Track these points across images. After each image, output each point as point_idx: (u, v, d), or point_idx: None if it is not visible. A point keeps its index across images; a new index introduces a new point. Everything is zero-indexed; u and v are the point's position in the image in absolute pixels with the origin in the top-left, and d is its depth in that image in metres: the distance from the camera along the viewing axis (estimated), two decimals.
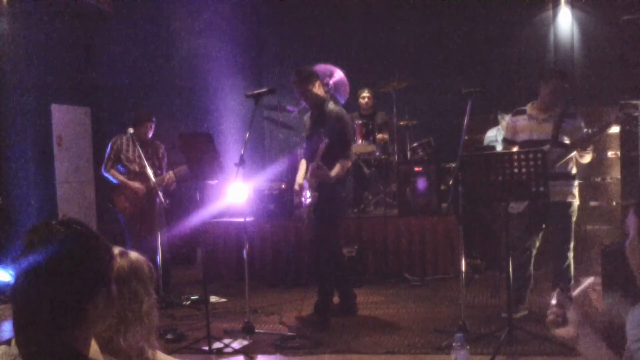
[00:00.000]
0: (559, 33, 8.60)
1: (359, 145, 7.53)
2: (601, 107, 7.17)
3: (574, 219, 5.23)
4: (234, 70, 8.80)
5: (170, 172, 6.38)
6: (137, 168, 6.35)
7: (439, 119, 8.02)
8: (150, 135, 6.45)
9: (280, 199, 7.34)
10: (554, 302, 1.97)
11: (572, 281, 5.28)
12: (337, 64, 7.34)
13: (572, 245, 5.25)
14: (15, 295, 1.53)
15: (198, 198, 5.61)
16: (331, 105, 5.44)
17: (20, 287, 1.52)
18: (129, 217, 6.39)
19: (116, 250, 2.33)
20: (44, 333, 1.49)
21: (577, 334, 1.97)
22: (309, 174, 5.30)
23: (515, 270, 5.07)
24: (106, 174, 6.45)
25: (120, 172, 6.42)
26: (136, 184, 6.34)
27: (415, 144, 7.88)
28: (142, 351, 2.13)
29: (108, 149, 6.46)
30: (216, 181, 5.95)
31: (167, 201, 6.21)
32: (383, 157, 7.79)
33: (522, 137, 5.25)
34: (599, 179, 7.32)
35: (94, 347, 1.68)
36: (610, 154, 7.40)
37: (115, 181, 6.41)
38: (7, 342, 1.55)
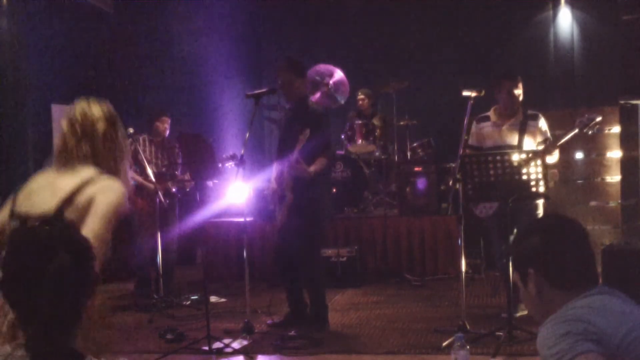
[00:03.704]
0: (559, 33, 8.60)
1: (359, 145, 7.52)
2: (601, 107, 7.16)
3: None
4: (234, 70, 8.80)
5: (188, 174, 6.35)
6: (154, 169, 6.33)
7: (439, 119, 8.02)
8: (167, 131, 6.46)
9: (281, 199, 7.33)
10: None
11: None
12: (337, 64, 7.34)
13: None
14: (9, 299, 1.52)
15: (198, 198, 5.60)
16: (312, 103, 5.38)
17: (12, 291, 1.50)
18: (145, 216, 6.37)
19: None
20: (41, 335, 1.48)
21: None
22: (286, 170, 5.11)
23: (503, 274, 5.07)
24: None
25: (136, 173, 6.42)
26: (151, 184, 6.30)
27: (415, 144, 7.89)
28: None
29: None
30: (215, 181, 5.95)
31: (167, 201, 6.21)
32: (383, 157, 7.78)
33: (488, 143, 5.26)
34: (598, 179, 7.31)
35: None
36: (610, 154, 7.40)
37: (132, 182, 6.40)
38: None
